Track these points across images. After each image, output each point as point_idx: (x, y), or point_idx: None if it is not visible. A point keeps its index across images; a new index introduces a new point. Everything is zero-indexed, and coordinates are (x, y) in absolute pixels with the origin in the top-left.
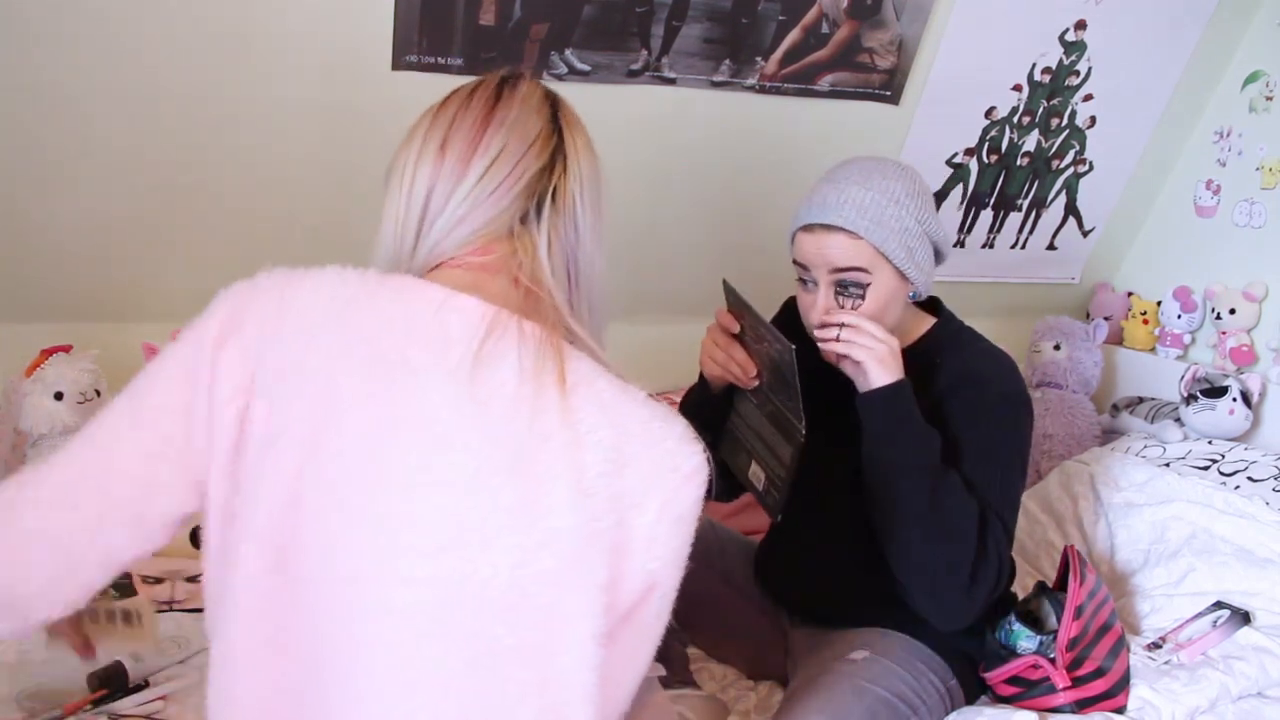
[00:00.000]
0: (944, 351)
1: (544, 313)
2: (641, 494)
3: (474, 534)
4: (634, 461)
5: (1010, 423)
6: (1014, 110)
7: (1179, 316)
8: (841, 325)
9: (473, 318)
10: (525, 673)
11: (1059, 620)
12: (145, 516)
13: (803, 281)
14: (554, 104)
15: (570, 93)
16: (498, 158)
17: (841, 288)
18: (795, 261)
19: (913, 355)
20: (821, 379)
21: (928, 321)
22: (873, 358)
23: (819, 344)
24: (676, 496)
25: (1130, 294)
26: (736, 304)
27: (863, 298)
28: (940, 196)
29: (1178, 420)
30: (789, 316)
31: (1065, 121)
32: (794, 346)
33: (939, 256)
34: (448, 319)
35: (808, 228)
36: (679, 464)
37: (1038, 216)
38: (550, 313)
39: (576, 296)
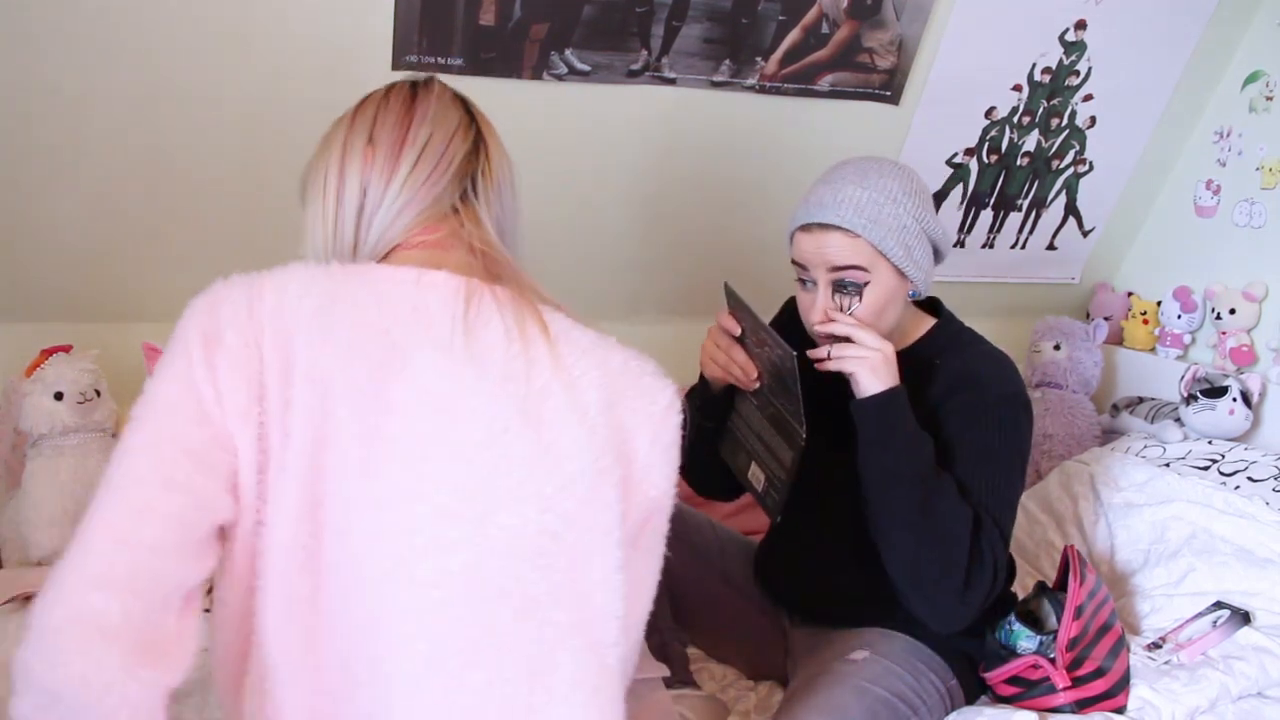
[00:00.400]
0: (943, 353)
1: (508, 276)
2: (634, 427)
3: (494, 491)
4: (622, 399)
5: (1009, 424)
6: (1014, 110)
7: (1179, 316)
8: (832, 340)
9: (447, 291)
10: (561, 615)
11: (1059, 620)
12: (198, 539)
13: (802, 281)
14: (465, 102)
15: (570, 93)
16: (426, 146)
17: (840, 286)
18: (794, 261)
19: (912, 356)
20: (822, 381)
21: (928, 322)
22: (864, 367)
23: (811, 360)
24: (663, 425)
25: (1130, 294)
26: (737, 307)
27: (860, 296)
28: (940, 196)
29: (1178, 420)
30: (789, 316)
31: (1065, 121)
32: (795, 353)
33: (938, 255)
34: (425, 296)
35: (805, 227)
36: (658, 397)
37: (1038, 216)
38: (512, 274)
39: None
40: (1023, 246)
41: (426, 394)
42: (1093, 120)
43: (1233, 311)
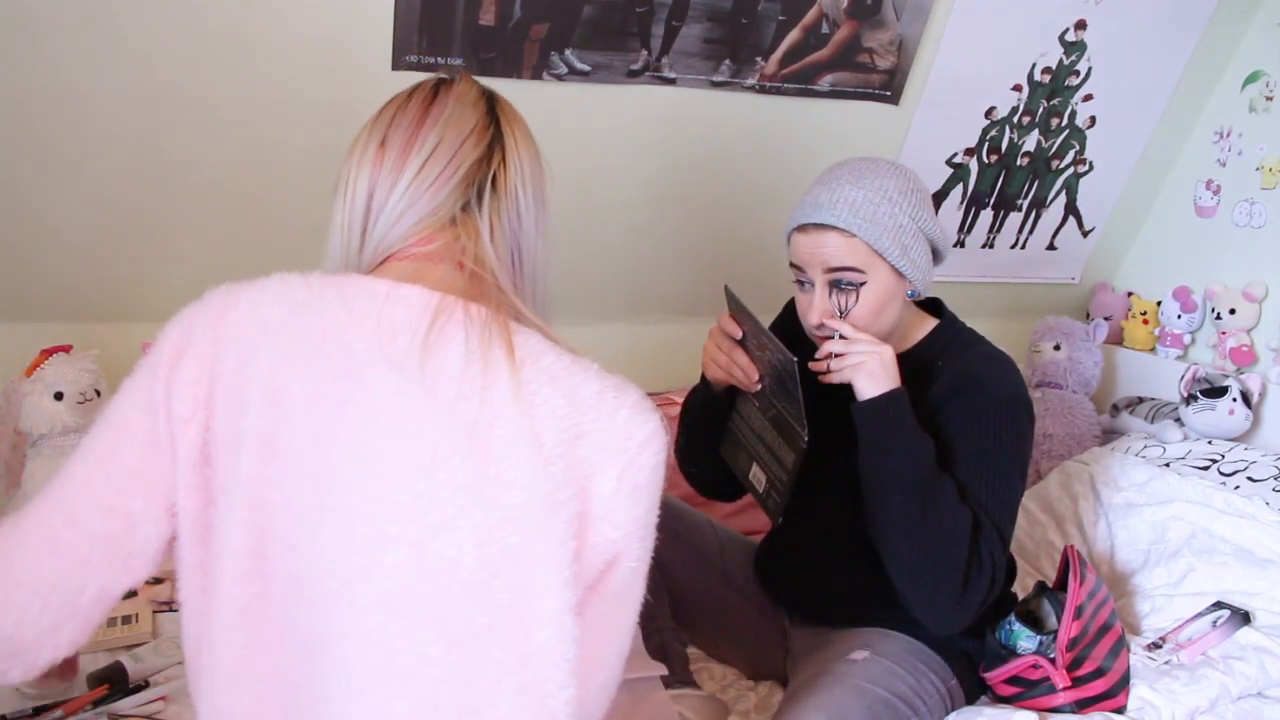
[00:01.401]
0: (944, 354)
1: (489, 294)
2: (598, 464)
3: (435, 517)
4: (589, 432)
5: (1010, 427)
6: (1014, 110)
7: (1179, 316)
8: (830, 357)
9: (416, 306)
10: (504, 652)
11: (1059, 620)
12: (129, 550)
13: (800, 283)
14: (490, 99)
15: (570, 93)
16: (434, 151)
17: (837, 286)
18: (791, 264)
19: (913, 358)
20: (822, 383)
21: (930, 324)
22: (862, 373)
23: (811, 368)
24: (634, 464)
25: (1130, 294)
26: (738, 310)
27: (858, 295)
28: (940, 196)
29: (1178, 420)
30: (790, 317)
31: (1065, 121)
32: (796, 359)
33: (937, 256)
34: (394, 311)
35: (802, 228)
36: (633, 432)
37: (1038, 216)
38: (494, 293)
39: (521, 281)
40: (1023, 246)
41: (377, 412)
42: (1093, 120)
43: (1233, 311)
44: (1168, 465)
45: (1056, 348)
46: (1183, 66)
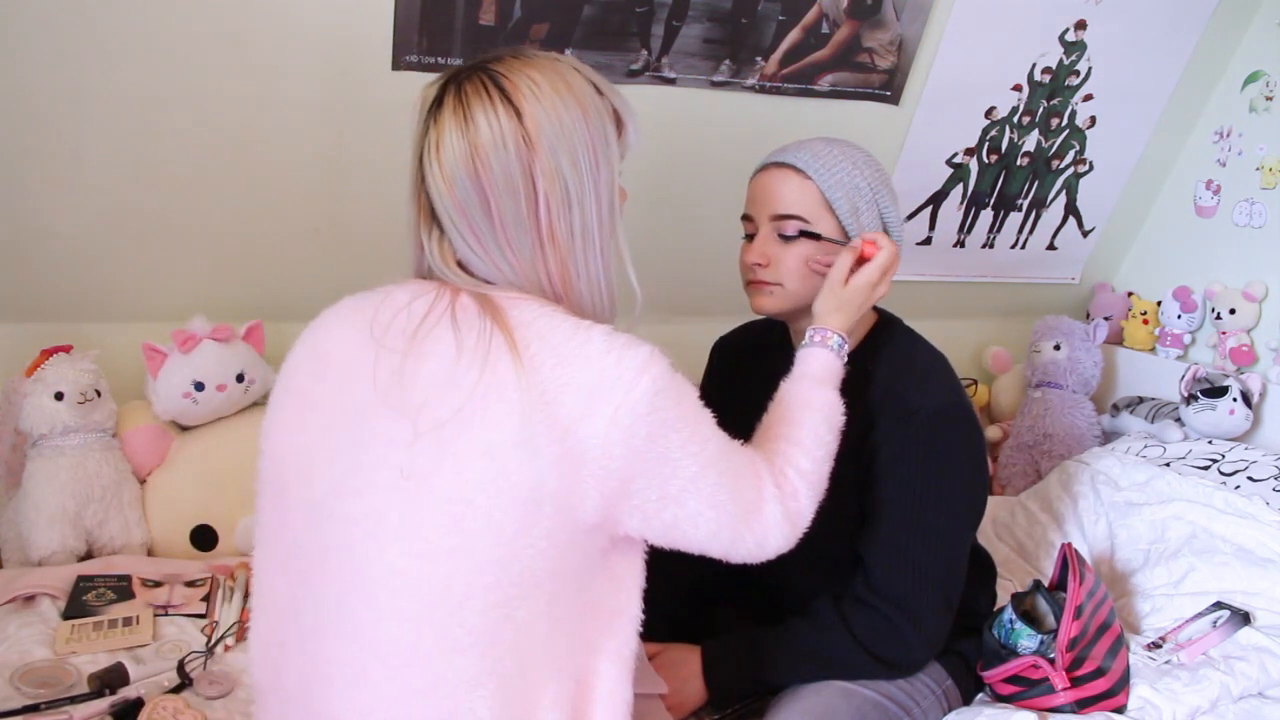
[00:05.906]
0: (877, 357)
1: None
2: (587, 408)
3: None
4: (574, 382)
5: (940, 450)
6: (1014, 110)
7: (1179, 316)
8: (761, 284)
9: (419, 307)
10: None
11: (1056, 618)
12: None
13: (748, 237)
14: (439, 88)
15: None
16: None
17: (781, 239)
18: (742, 216)
19: (850, 364)
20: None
21: (868, 325)
22: (858, 296)
23: (748, 290)
24: (627, 399)
25: (1130, 294)
26: None
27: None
28: (940, 196)
29: (1178, 420)
30: (716, 366)
31: (1065, 121)
32: None
33: None
34: (411, 313)
35: (761, 169)
36: (621, 374)
37: (1038, 216)
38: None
39: (516, 266)
40: (1023, 246)
41: (350, 405)
42: (1093, 120)
43: (1233, 311)
44: (1168, 465)
45: (1056, 348)
46: (1183, 66)
